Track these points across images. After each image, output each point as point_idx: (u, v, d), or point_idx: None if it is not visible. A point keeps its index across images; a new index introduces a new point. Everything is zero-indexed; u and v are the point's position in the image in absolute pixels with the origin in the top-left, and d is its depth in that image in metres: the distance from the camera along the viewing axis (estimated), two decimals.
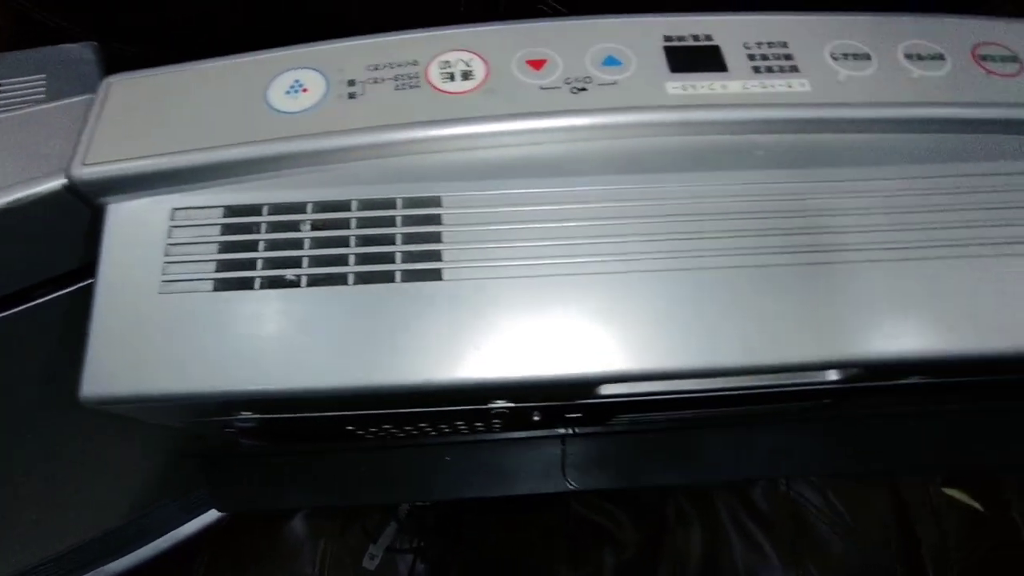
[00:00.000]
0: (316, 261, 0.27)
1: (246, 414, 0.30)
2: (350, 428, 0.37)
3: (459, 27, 0.32)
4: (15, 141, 0.29)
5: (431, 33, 0.32)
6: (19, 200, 0.27)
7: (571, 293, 0.27)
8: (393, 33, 0.32)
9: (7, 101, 0.31)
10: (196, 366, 0.25)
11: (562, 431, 0.36)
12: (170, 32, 0.47)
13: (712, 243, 0.28)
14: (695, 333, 0.27)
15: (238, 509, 0.41)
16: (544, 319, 0.27)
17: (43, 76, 0.32)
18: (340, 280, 0.27)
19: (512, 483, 0.37)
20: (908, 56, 0.31)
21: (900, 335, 0.27)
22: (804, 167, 0.29)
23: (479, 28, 0.32)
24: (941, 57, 0.31)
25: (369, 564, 0.70)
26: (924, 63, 0.31)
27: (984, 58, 0.31)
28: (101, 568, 0.53)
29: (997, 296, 0.27)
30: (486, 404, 0.30)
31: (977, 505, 0.71)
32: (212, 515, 0.58)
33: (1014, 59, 0.31)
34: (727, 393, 0.32)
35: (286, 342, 0.26)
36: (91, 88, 0.31)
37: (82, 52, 0.34)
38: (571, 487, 0.36)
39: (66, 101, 0.30)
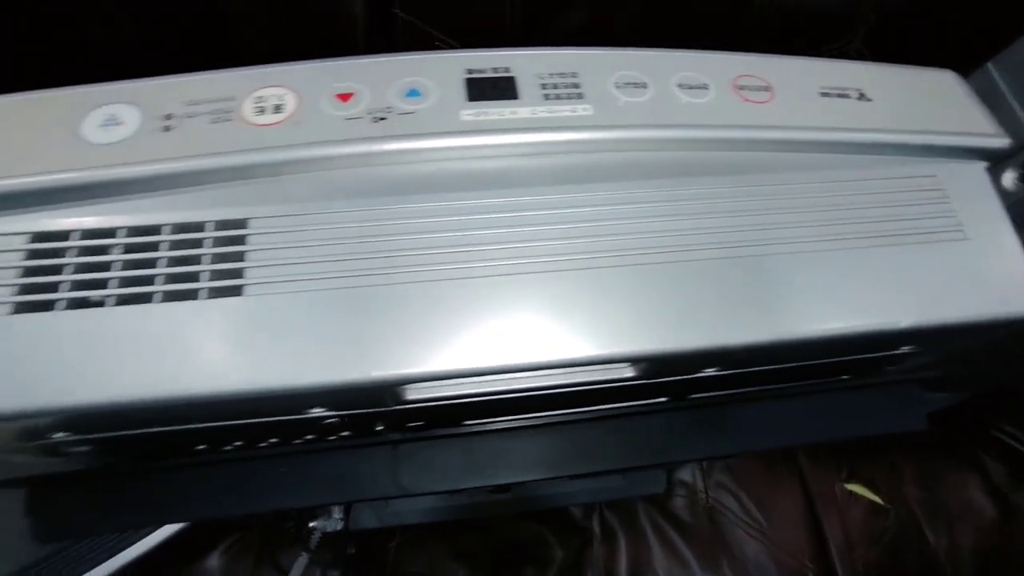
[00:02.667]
0: (123, 282, 0.29)
1: (61, 435, 0.30)
2: (201, 446, 0.38)
3: (280, 65, 0.35)
4: None
5: (253, 71, 0.35)
6: None
7: (368, 302, 0.29)
8: (216, 71, 0.35)
9: None
10: None
11: (396, 437, 0.38)
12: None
13: (495, 252, 0.31)
14: (486, 337, 0.29)
15: (62, 538, 0.40)
16: (343, 327, 0.29)
17: None
18: (145, 299, 0.29)
19: (346, 490, 0.38)
20: (680, 86, 0.36)
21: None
22: (584, 183, 0.33)
23: (298, 65, 0.35)
24: (706, 87, 0.36)
25: None
26: (692, 91, 0.36)
27: (742, 88, 0.36)
28: None
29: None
30: (304, 413, 0.32)
31: (877, 499, 0.76)
32: (128, 555, 0.56)
33: (766, 88, 0.36)
34: (545, 393, 0.35)
35: (85, 360, 0.27)
36: None
37: None
38: (402, 490, 0.38)
39: None
